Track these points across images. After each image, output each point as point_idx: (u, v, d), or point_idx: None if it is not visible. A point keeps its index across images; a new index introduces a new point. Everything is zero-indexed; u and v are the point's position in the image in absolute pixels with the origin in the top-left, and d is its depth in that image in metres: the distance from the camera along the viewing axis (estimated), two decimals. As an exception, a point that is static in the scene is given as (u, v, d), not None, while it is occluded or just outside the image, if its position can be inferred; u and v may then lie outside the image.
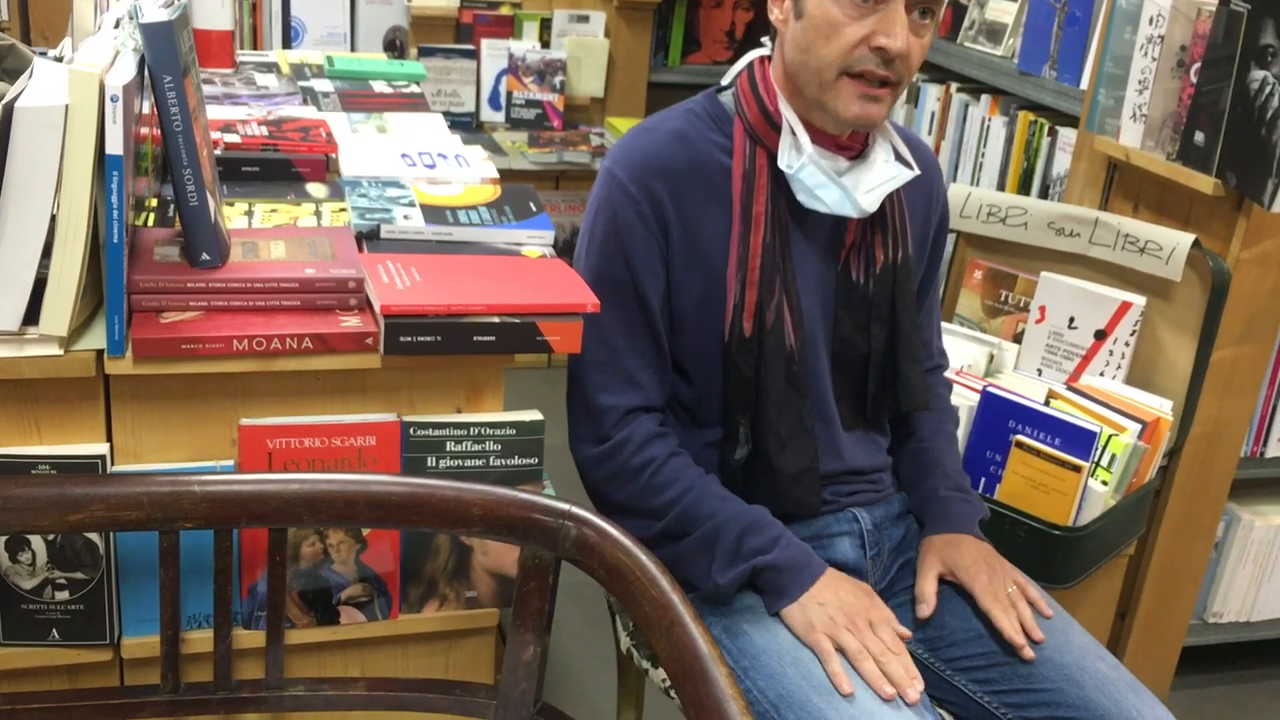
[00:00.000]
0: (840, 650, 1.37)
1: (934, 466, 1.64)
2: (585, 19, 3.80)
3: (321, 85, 2.31)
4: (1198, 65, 2.05)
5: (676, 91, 4.03)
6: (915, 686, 1.34)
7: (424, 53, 3.61)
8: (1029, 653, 1.44)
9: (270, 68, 2.42)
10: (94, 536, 1.30)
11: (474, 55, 3.67)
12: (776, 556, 1.42)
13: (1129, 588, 2.24)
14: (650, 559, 1.20)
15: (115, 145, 1.16)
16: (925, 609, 1.50)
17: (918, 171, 1.52)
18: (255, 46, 3.53)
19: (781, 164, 1.46)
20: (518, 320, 1.35)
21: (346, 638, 1.44)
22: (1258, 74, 1.93)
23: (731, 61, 4.09)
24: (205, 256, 1.32)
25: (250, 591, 1.39)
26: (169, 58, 1.23)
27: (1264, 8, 1.90)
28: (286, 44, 3.56)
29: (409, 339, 1.32)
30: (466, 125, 3.70)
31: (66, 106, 1.14)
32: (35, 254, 1.18)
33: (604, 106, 3.92)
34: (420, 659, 1.50)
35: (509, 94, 3.72)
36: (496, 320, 1.34)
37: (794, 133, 1.46)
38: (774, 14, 1.46)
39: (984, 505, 1.63)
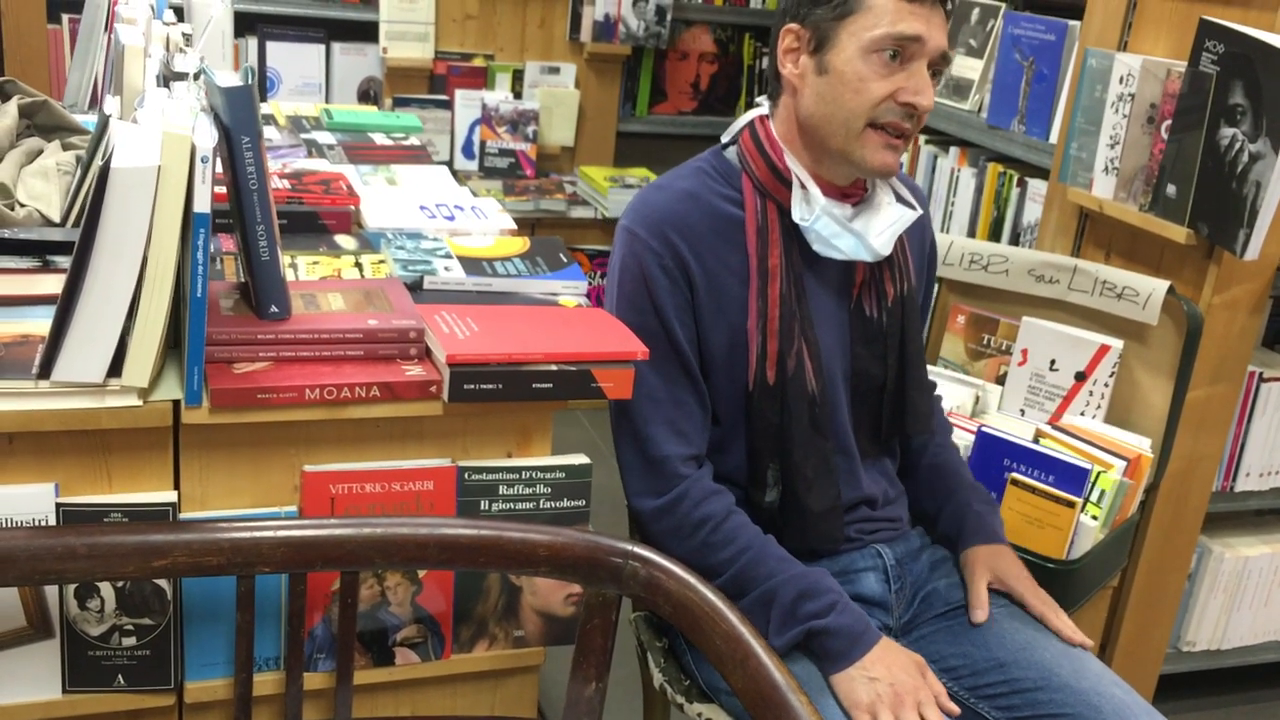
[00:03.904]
0: None
1: (957, 481, 1.73)
2: (556, 70, 3.88)
3: (323, 137, 2.35)
4: (1168, 122, 2.18)
5: (644, 140, 4.14)
6: None
7: (399, 103, 3.66)
8: (1089, 642, 1.58)
9: (268, 120, 2.46)
10: (162, 582, 1.33)
11: (448, 105, 3.73)
12: (831, 621, 1.45)
13: (1110, 618, 2.34)
14: (717, 595, 1.26)
15: (204, 204, 1.21)
16: (981, 614, 1.59)
17: (920, 211, 1.61)
18: (231, 96, 3.56)
19: (795, 218, 1.54)
20: (574, 368, 1.40)
21: (401, 678, 1.47)
22: (1227, 131, 2.06)
23: (697, 112, 4.22)
24: (274, 309, 1.36)
25: (310, 634, 1.42)
26: (249, 120, 1.27)
27: (1232, 71, 2.03)
28: (262, 96, 3.59)
29: (472, 387, 1.37)
30: (441, 174, 3.76)
31: (159, 168, 1.18)
32: (123, 309, 1.21)
33: (574, 155, 4.00)
34: (468, 697, 1.54)
35: (483, 143, 3.78)
36: (554, 368, 1.40)
37: (804, 186, 1.54)
38: (787, 69, 1.53)
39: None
